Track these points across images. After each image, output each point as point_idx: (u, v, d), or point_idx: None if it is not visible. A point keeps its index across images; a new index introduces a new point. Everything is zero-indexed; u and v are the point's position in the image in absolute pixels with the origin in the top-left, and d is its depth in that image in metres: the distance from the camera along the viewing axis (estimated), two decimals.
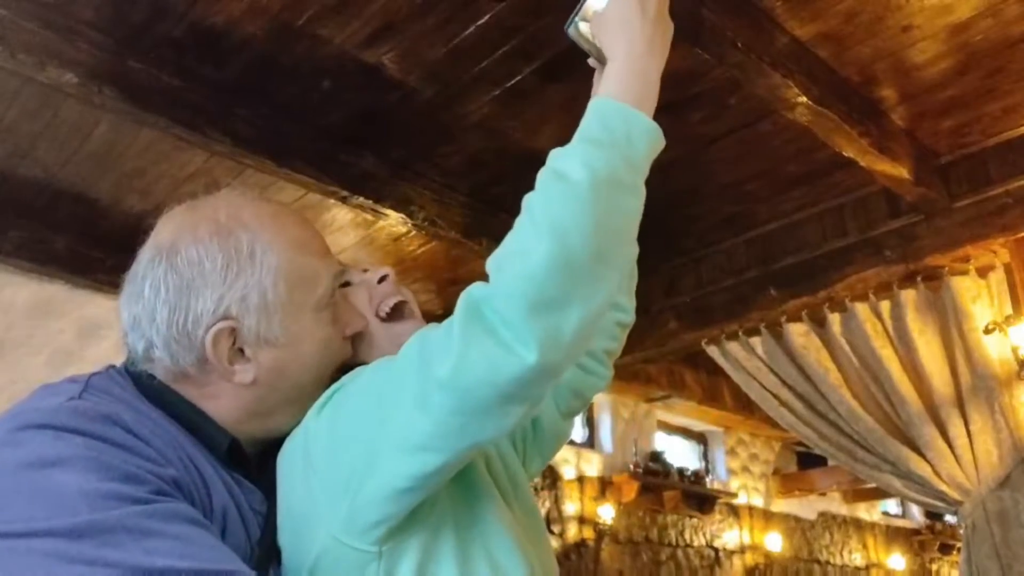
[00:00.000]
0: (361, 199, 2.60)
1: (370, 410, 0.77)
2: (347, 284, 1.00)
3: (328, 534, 0.77)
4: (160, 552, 0.67)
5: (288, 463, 0.83)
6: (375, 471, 0.74)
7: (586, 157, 0.73)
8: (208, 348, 0.82)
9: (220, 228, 0.85)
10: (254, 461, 0.92)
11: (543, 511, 4.96)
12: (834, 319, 3.09)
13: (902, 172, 2.44)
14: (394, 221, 2.77)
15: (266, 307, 0.84)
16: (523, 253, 0.69)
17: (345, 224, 3.10)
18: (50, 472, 0.69)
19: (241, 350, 0.84)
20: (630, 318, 1.10)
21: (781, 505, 6.64)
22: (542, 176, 0.74)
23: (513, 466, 1.01)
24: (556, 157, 0.75)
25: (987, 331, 2.72)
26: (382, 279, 1.00)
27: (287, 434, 0.88)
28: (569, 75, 2.20)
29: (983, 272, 2.80)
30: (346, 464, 0.76)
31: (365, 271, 1.03)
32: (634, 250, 1.08)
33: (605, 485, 5.31)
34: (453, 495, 0.85)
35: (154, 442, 0.77)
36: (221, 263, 0.83)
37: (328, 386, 0.86)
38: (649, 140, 0.78)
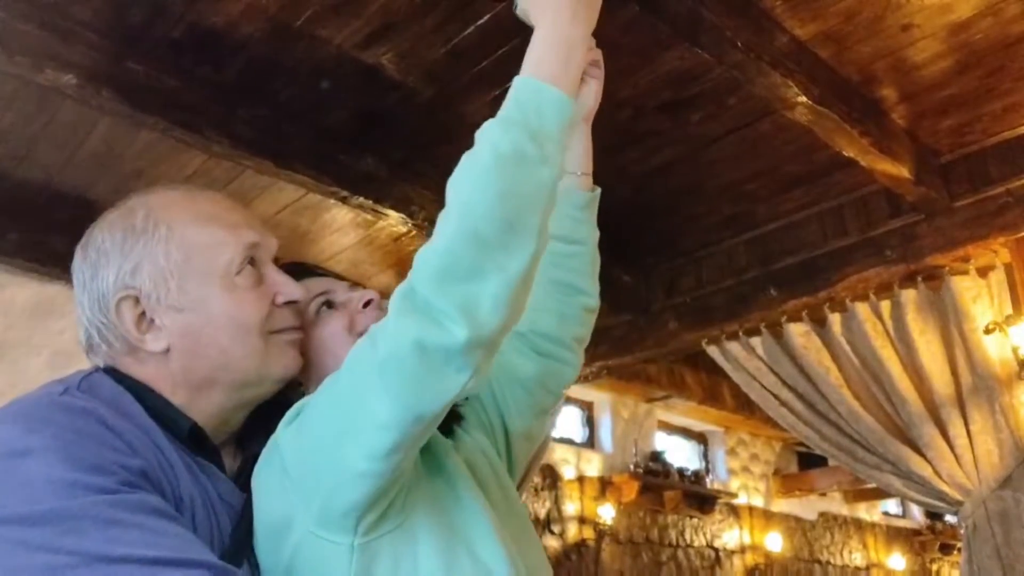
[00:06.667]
0: (361, 199, 2.59)
1: (331, 403, 0.80)
2: (330, 304, 1.00)
3: (304, 530, 0.79)
4: (122, 541, 0.68)
5: (264, 475, 0.84)
6: (338, 457, 0.77)
7: (492, 136, 0.78)
8: (114, 318, 0.86)
9: (123, 212, 0.91)
10: (235, 456, 0.93)
11: (543, 511, 4.95)
12: (834, 319, 3.08)
13: (902, 172, 2.44)
14: (394, 221, 2.77)
15: (161, 273, 0.87)
16: (438, 234, 0.76)
17: (345, 224, 3.10)
18: (19, 462, 0.71)
19: (152, 320, 0.87)
20: (595, 302, 1.11)
21: (781, 505, 6.65)
22: (462, 158, 0.80)
23: (502, 475, 1.03)
24: (475, 138, 0.80)
25: (987, 331, 2.72)
26: (367, 303, 1.00)
27: (246, 421, 0.92)
28: None
29: (983, 272, 2.80)
30: (316, 458, 0.79)
31: (353, 286, 1.03)
32: (594, 233, 1.10)
33: (605, 485, 5.32)
34: (432, 496, 0.86)
35: (126, 434, 0.78)
36: (119, 240, 0.88)
37: (281, 370, 0.91)
38: (558, 110, 0.82)
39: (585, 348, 1.13)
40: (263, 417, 0.92)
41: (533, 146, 0.78)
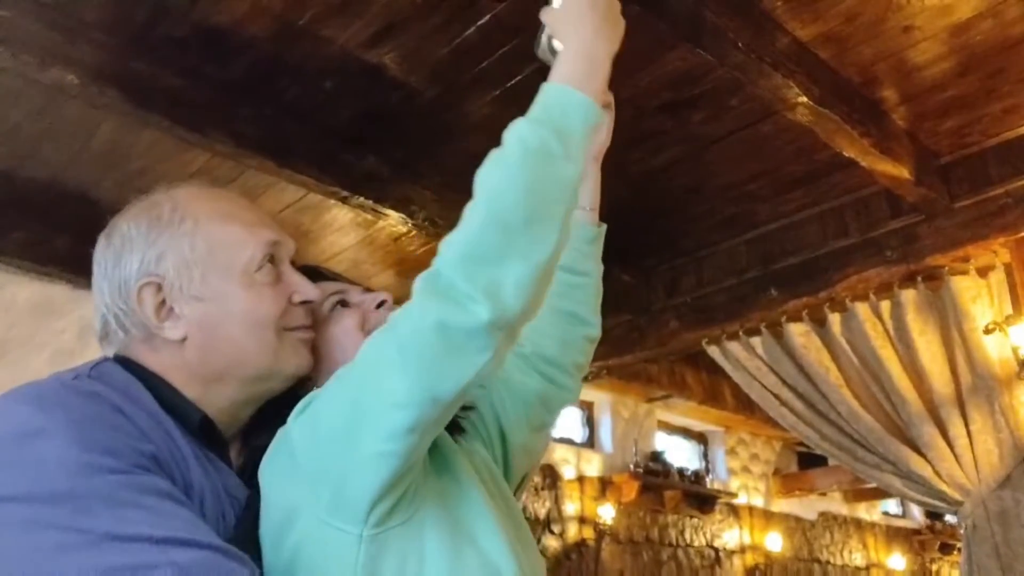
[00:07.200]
0: (361, 199, 2.60)
1: (346, 388, 0.81)
2: (344, 303, 1.02)
3: (312, 517, 0.80)
4: (132, 521, 0.69)
5: (272, 467, 0.85)
6: (354, 440, 0.78)
7: (521, 133, 0.83)
8: (135, 304, 0.88)
9: (149, 204, 0.93)
10: (240, 451, 0.94)
11: (543, 511, 4.96)
12: (834, 319, 3.09)
13: (903, 172, 2.45)
14: (394, 221, 2.78)
15: (185, 263, 0.89)
16: (465, 220, 0.79)
17: (345, 224, 3.11)
18: (32, 442, 0.72)
19: (172, 309, 0.88)
20: (597, 332, 1.16)
21: (781, 505, 6.65)
22: (490, 154, 0.84)
23: (500, 480, 1.04)
24: (503, 137, 0.84)
25: (987, 331, 2.73)
26: (380, 304, 1.02)
27: (253, 415, 0.93)
28: None
29: (983, 272, 2.80)
30: (330, 444, 0.80)
31: (366, 291, 1.05)
32: (599, 267, 1.14)
33: (605, 485, 5.32)
34: (441, 494, 0.87)
35: (138, 420, 0.79)
36: (144, 229, 0.90)
37: (293, 367, 0.93)
38: (583, 113, 0.87)
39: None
40: (268, 413, 0.93)
41: (559, 144, 0.83)
